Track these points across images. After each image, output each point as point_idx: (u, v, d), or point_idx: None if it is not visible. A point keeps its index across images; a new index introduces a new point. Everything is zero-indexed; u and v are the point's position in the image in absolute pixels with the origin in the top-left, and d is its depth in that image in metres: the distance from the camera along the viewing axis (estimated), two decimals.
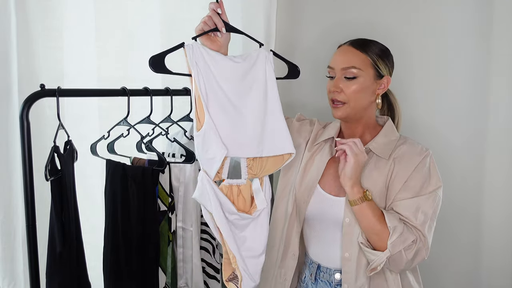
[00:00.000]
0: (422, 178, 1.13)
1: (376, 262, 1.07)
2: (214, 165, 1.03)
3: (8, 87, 1.18)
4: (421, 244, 1.07)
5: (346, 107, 1.17)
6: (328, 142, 1.26)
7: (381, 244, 1.07)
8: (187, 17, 1.48)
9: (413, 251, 1.06)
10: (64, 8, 1.30)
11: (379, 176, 1.15)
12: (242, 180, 1.08)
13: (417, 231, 1.08)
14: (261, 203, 1.09)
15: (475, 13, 1.42)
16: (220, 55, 1.07)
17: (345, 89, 1.16)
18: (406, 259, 1.06)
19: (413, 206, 1.10)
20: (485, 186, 1.46)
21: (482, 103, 1.44)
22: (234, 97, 1.06)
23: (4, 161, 1.18)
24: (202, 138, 1.02)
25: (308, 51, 1.67)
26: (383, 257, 1.06)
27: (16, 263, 1.23)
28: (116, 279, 1.17)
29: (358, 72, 1.15)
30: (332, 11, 1.62)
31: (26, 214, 0.98)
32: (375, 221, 1.08)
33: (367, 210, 1.08)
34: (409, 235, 1.06)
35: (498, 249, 1.45)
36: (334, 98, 1.18)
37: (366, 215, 1.08)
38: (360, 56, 1.17)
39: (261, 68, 1.10)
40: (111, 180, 1.17)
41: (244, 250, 1.09)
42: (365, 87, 1.16)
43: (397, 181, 1.13)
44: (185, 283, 1.31)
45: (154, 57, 1.01)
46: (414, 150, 1.16)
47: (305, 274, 1.26)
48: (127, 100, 1.15)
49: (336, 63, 1.18)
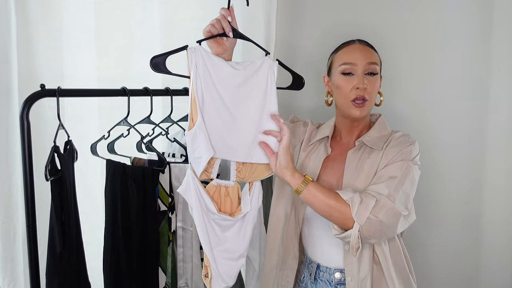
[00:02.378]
0: (400, 158, 1.12)
1: (353, 240, 1.04)
2: (200, 164, 1.06)
3: (8, 87, 1.18)
4: (386, 201, 1.04)
5: (367, 105, 1.16)
6: (323, 141, 1.26)
7: (347, 221, 1.04)
8: (186, 17, 1.48)
9: (381, 210, 1.03)
10: (64, 8, 1.30)
11: (371, 165, 1.15)
12: (230, 182, 1.11)
13: (378, 194, 1.06)
14: (245, 207, 1.11)
15: (475, 13, 1.42)
16: (222, 61, 1.09)
17: (370, 86, 1.14)
18: (379, 220, 1.03)
19: (382, 173, 1.10)
20: (485, 185, 1.46)
21: (482, 103, 1.44)
22: (230, 103, 1.09)
23: (4, 161, 1.18)
24: (192, 137, 1.05)
25: (308, 52, 1.67)
26: (356, 231, 1.03)
27: (16, 263, 1.23)
28: (116, 279, 1.17)
29: (377, 68, 1.17)
30: (333, 12, 1.62)
31: (26, 214, 0.98)
32: (328, 198, 1.06)
33: (314, 190, 1.06)
34: (369, 200, 1.04)
35: (498, 248, 1.45)
36: (361, 95, 1.14)
37: (316, 196, 1.06)
38: (374, 54, 1.19)
39: (263, 76, 1.11)
40: (111, 180, 1.17)
41: (222, 250, 1.10)
42: (378, 84, 1.19)
43: (381, 166, 1.14)
44: (185, 283, 1.31)
45: (156, 58, 1.03)
46: (402, 139, 1.17)
47: (304, 274, 1.26)
48: (127, 100, 1.15)
49: (358, 59, 1.15)
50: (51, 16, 1.28)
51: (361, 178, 1.14)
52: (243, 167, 1.12)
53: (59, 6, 1.29)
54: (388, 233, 1.08)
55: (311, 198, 1.07)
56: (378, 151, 1.16)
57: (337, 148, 1.24)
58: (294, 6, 1.67)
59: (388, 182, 1.08)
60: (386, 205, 1.04)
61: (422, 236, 1.52)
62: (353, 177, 1.15)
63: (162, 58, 1.03)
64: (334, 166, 1.21)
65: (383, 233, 1.06)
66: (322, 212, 1.08)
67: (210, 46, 1.09)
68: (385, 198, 1.05)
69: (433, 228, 1.51)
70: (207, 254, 1.09)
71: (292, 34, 1.69)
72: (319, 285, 1.21)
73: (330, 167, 1.21)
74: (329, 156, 1.23)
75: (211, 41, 1.08)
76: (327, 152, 1.23)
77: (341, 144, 1.25)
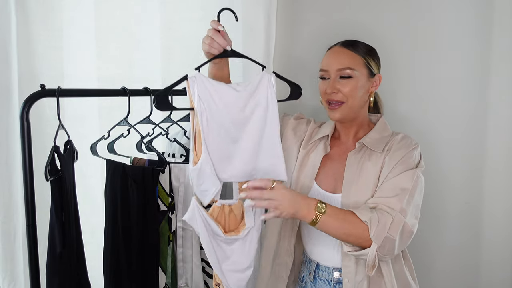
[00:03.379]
0: (406, 165, 1.12)
1: (370, 259, 1.05)
2: (207, 197, 1.06)
3: (8, 87, 1.18)
4: (400, 218, 1.05)
5: (344, 107, 1.18)
6: (322, 140, 1.27)
7: (363, 241, 1.05)
8: (186, 17, 1.48)
9: (397, 228, 1.04)
10: (64, 8, 1.30)
11: (372, 168, 1.15)
12: (234, 201, 1.11)
13: (392, 210, 1.06)
14: (249, 222, 1.11)
15: (475, 13, 1.42)
16: (224, 85, 1.07)
17: (342, 89, 1.16)
18: (395, 239, 1.04)
19: (393, 185, 1.10)
20: (485, 181, 1.46)
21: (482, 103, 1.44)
22: (234, 127, 1.07)
23: (4, 161, 1.18)
24: (197, 173, 1.03)
25: (308, 51, 1.67)
26: (373, 251, 1.04)
27: (16, 263, 1.23)
28: (116, 279, 1.17)
29: (352, 72, 1.16)
30: (333, 11, 1.62)
31: (26, 214, 0.98)
32: (343, 224, 1.04)
33: (328, 219, 1.04)
34: (386, 219, 1.04)
35: (498, 243, 1.45)
36: (331, 99, 1.18)
37: (330, 224, 1.04)
38: (353, 56, 1.18)
39: (263, 93, 1.10)
40: (111, 180, 1.17)
41: (229, 264, 1.10)
42: (360, 86, 1.17)
43: (385, 170, 1.13)
44: (185, 283, 1.31)
45: (159, 96, 1.02)
46: (404, 143, 1.17)
47: (304, 273, 1.26)
48: (127, 100, 1.15)
49: (330, 65, 1.19)
50: (51, 16, 1.27)
51: (361, 180, 1.14)
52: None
53: (59, 6, 1.29)
54: (401, 250, 1.11)
55: (326, 228, 1.05)
56: (379, 154, 1.16)
57: (336, 147, 1.25)
58: (294, 6, 1.67)
59: (400, 195, 1.08)
60: (401, 223, 1.05)
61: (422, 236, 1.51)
62: (353, 179, 1.15)
63: (164, 96, 1.02)
64: (333, 165, 1.21)
65: (398, 250, 1.08)
66: (337, 237, 1.07)
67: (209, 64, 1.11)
68: (399, 215, 1.05)
69: (433, 228, 1.51)
70: (216, 270, 1.08)
71: (292, 34, 1.69)
72: (318, 284, 1.21)
73: (329, 166, 1.22)
74: (329, 154, 1.24)
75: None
76: (326, 150, 1.24)
77: (340, 144, 1.25)
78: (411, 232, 1.07)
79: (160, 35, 1.45)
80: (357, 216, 1.05)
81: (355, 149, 1.20)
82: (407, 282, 1.17)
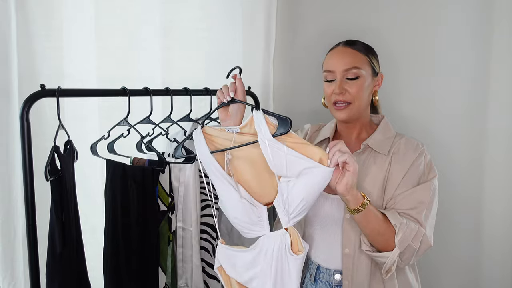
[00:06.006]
0: (419, 172, 1.13)
1: (389, 262, 1.05)
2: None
3: (8, 87, 1.17)
4: (422, 231, 1.06)
5: (351, 107, 1.17)
6: (324, 143, 1.26)
7: (386, 244, 1.06)
8: (186, 17, 1.48)
9: (418, 239, 1.05)
10: (64, 8, 1.30)
11: (378, 171, 1.15)
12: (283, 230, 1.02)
13: (416, 221, 1.08)
14: (305, 245, 1.01)
15: (475, 13, 1.42)
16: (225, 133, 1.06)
17: (350, 89, 1.16)
18: (415, 249, 1.05)
19: (411, 198, 1.10)
20: (485, 176, 1.46)
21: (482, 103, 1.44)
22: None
23: (4, 161, 1.17)
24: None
25: (307, 51, 1.67)
26: (394, 256, 1.04)
27: (16, 263, 1.23)
28: (116, 279, 1.17)
29: (359, 72, 1.16)
30: (333, 11, 1.62)
31: (26, 214, 0.98)
32: (379, 221, 1.05)
33: (370, 214, 1.04)
34: (413, 227, 1.06)
35: (499, 238, 1.45)
36: (338, 100, 1.17)
37: (371, 219, 1.05)
38: (358, 55, 1.18)
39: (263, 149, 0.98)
40: (111, 180, 1.17)
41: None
42: (366, 85, 1.17)
43: (395, 177, 1.13)
44: (185, 283, 1.31)
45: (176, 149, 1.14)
46: (410, 145, 1.17)
47: (305, 275, 1.26)
48: (127, 100, 1.15)
49: (335, 66, 1.18)
50: (51, 16, 1.27)
51: (366, 182, 1.14)
52: None
53: (59, 6, 1.29)
54: (415, 261, 1.12)
55: (366, 222, 1.05)
56: (384, 156, 1.16)
57: None
58: (294, 6, 1.67)
59: (418, 209, 1.09)
60: (421, 235, 1.06)
61: None
62: (358, 181, 1.15)
63: (179, 148, 1.13)
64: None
65: (413, 260, 1.08)
66: (369, 233, 1.07)
67: (218, 111, 1.12)
68: (421, 228, 1.07)
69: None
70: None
71: (292, 34, 1.69)
72: (319, 286, 1.21)
73: None
74: None
75: (220, 112, 1.11)
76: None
77: None
78: (429, 245, 1.08)
79: (160, 35, 1.45)
80: (388, 218, 1.06)
81: (359, 149, 1.20)
82: (408, 283, 1.17)
